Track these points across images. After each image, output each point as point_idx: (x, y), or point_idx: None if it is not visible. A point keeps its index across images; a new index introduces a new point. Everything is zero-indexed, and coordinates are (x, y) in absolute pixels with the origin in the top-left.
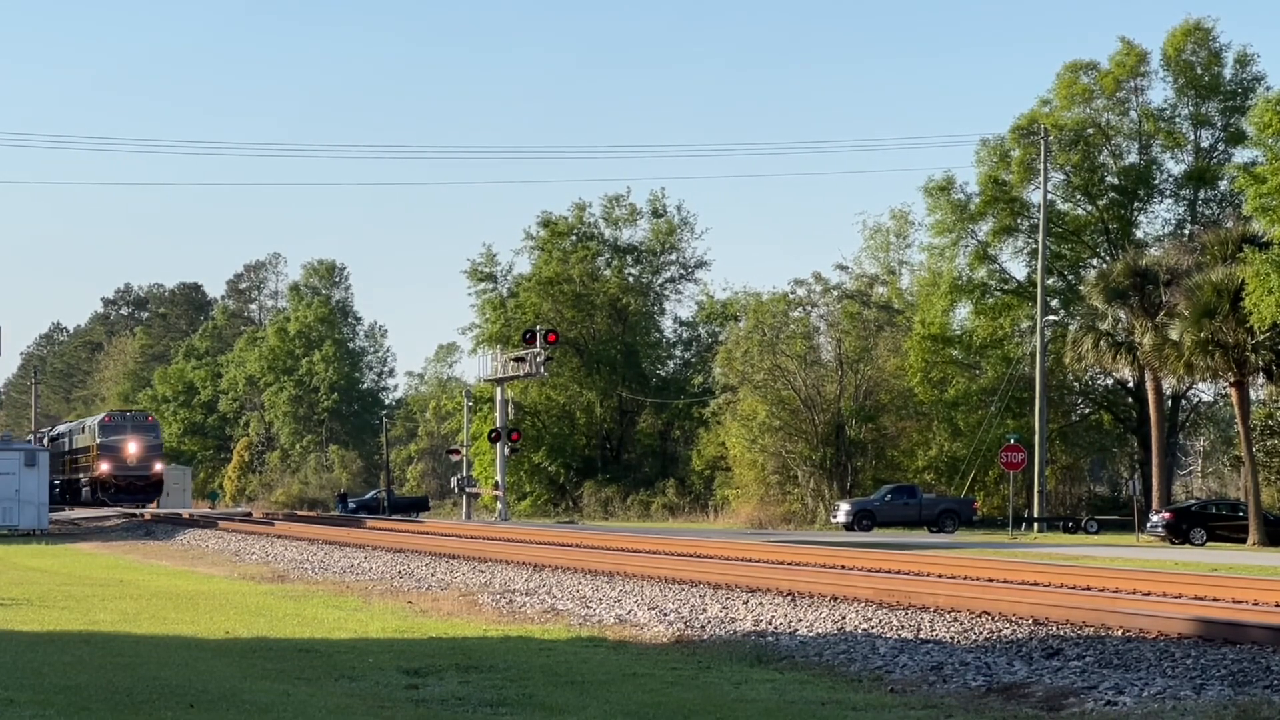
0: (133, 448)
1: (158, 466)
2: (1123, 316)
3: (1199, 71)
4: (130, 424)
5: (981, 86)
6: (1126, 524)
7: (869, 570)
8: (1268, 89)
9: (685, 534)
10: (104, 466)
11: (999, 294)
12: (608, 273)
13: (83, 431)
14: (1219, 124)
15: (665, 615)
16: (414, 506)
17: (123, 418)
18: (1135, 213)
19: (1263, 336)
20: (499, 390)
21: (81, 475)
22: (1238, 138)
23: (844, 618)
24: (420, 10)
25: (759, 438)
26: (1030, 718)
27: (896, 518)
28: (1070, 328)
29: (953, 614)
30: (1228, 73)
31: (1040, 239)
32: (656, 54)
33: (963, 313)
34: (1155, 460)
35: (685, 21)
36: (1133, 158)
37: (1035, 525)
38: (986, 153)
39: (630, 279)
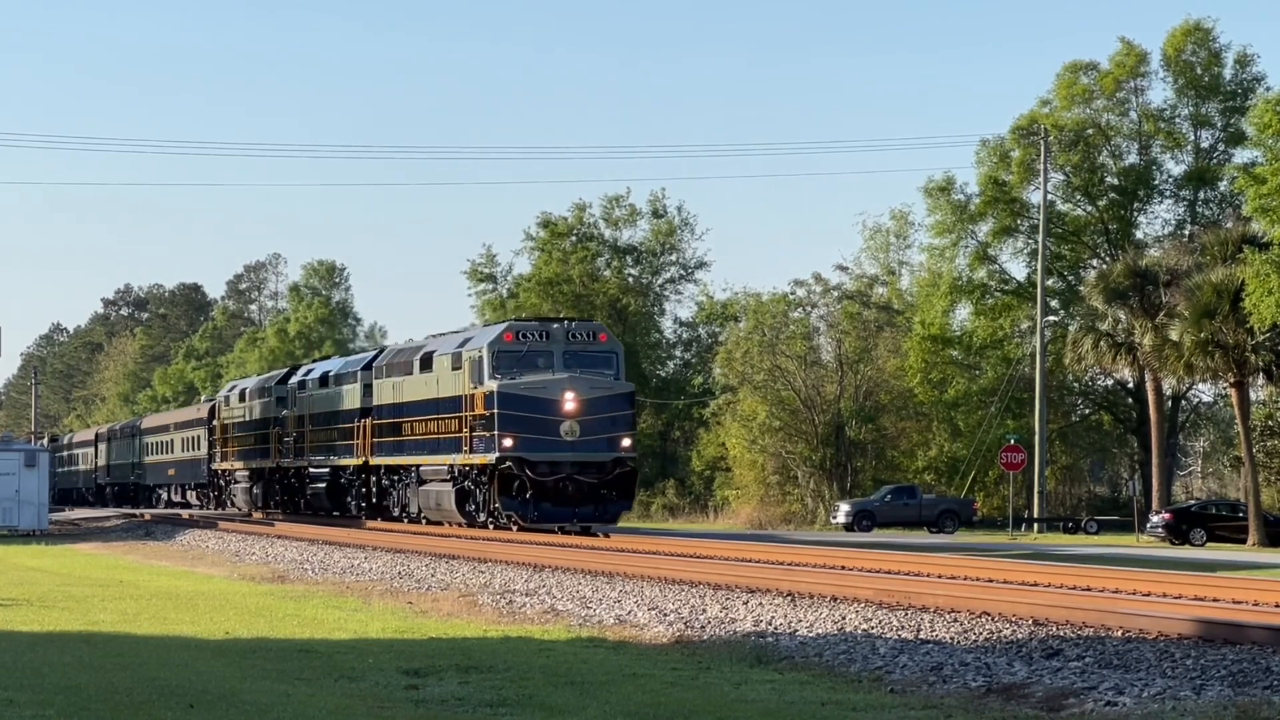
0: (571, 402)
1: (626, 441)
2: (1123, 317)
3: (1199, 72)
4: (562, 348)
5: (981, 86)
6: (1126, 524)
7: (869, 570)
8: (1268, 89)
9: (685, 534)
10: (507, 441)
11: (999, 294)
12: (607, 273)
13: (438, 363)
14: (1219, 124)
15: (665, 615)
16: None
17: (542, 335)
18: (1135, 213)
19: (1263, 337)
20: None
21: (429, 459)
22: (1238, 138)
23: (844, 618)
24: (421, 10)
25: (759, 438)
26: (1030, 718)
27: (896, 518)
28: (1070, 328)
29: (953, 614)
30: (1228, 73)
31: (1040, 239)
32: (656, 55)
33: (963, 313)
34: (1155, 460)
35: (685, 23)
36: (1133, 158)
37: (1035, 525)
38: (986, 153)
39: (630, 279)
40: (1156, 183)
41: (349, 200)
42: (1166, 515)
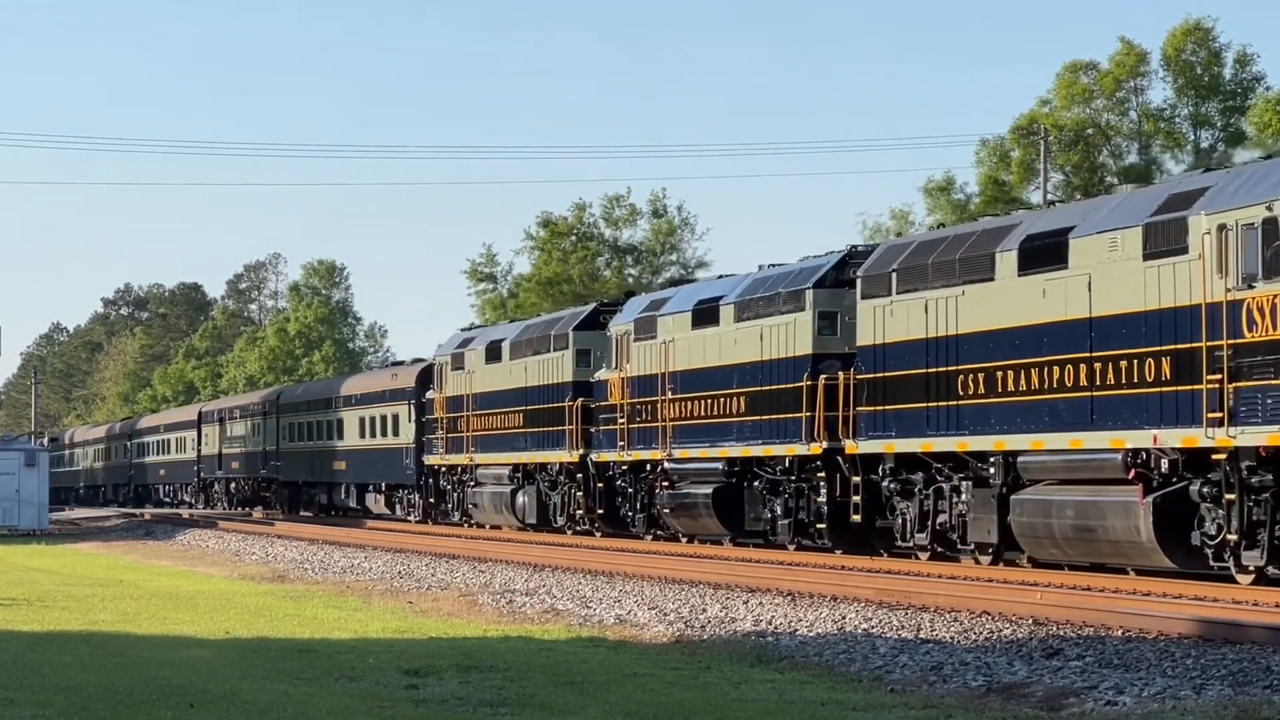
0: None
1: None
2: None
3: (1199, 71)
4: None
5: (981, 86)
6: None
7: (869, 570)
8: (1268, 89)
9: None
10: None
11: None
12: (608, 273)
13: (1081, 249)
14: (1219, 124)
15: (665, 615)
16: None
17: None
18: None
19: None
20: None
21: (1047, 441)
22: (1238, 138)
23: (844, 618)
24: (420, 9)
25: None
26: (1030, 718)
27: None
28: None
29: (953, 614)
30: (1228, 73)
31: None
32: (657, 55)
33: None
34: None
35: (685, 23)
36: (1133, 158)
37: None
38: (986, 153)
39: (630, 279)
40: (1156, 182)
41: (349, 200)
42: None
